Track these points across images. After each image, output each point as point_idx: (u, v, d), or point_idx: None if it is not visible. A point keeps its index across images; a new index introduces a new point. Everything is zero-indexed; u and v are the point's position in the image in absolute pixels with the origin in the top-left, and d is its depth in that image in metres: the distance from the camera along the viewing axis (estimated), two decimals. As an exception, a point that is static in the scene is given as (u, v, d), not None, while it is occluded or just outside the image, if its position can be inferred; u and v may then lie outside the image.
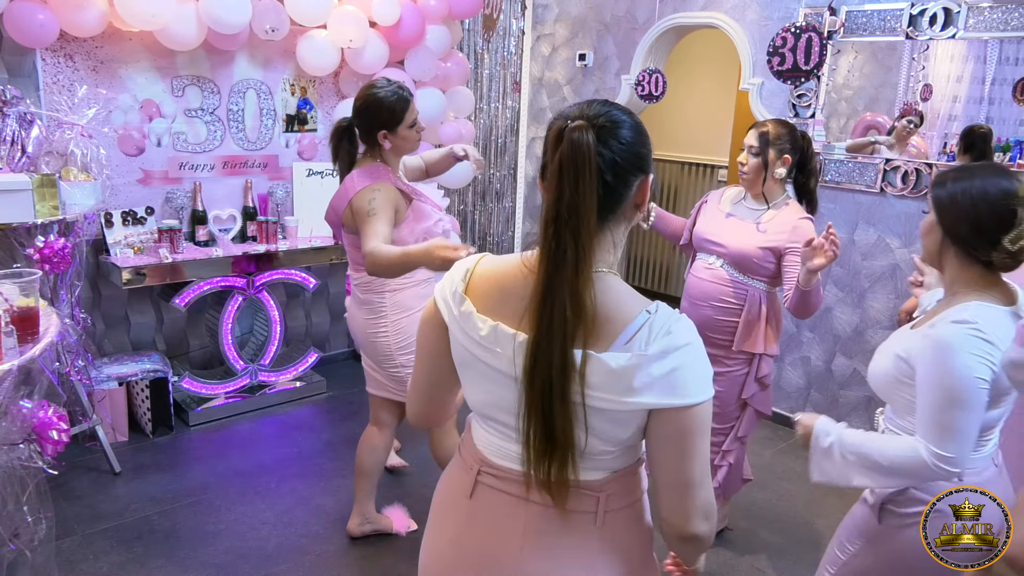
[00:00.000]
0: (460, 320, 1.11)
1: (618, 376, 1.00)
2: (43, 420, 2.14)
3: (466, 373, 1.15)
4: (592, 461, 1.10)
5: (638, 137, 1.06)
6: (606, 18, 4.45)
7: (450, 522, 1.23)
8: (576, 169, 0.99)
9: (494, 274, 1.12)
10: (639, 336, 1.02)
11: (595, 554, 1.13)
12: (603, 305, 1.03)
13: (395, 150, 2.39)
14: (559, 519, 1.12)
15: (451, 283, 1.14)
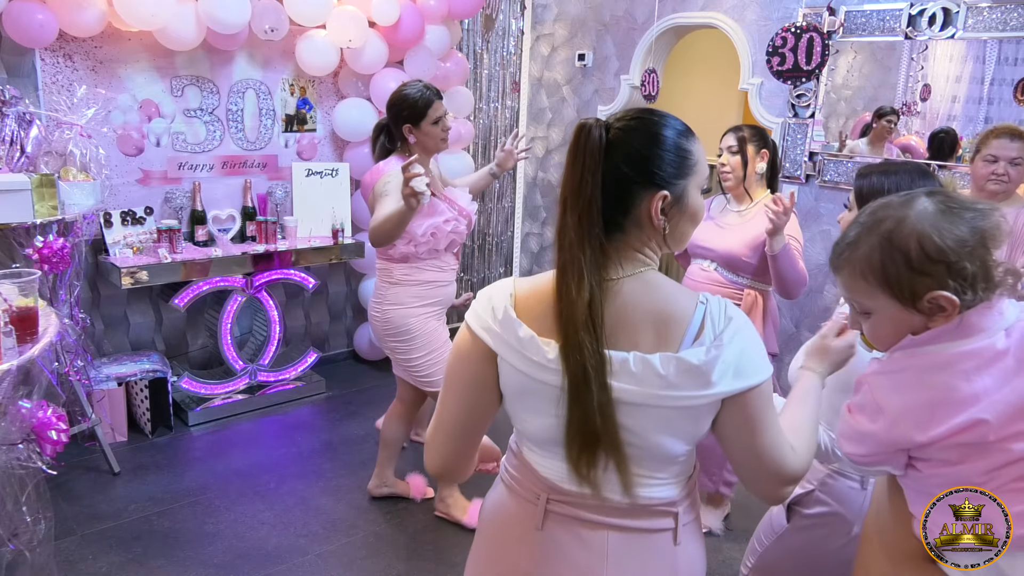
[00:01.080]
0: (519, 346, 1.06)
1: (699, 372, 1.01)
2: (42, 420, 2.13)
3: (524, 401, 1.10)
4: (671, 468, 1.11)
5: (658, 152, 1.05)
6: (605, 18, 4.45)
7: (519, 556, 1.17)
8: (574, 156, 1.04)
9: (540, 291, 1.09)
10: (706, 329, 1.04)
11: (676, 572, 1.15)
12: (658, 303, 1.06)
13: (420, 145, 2.53)
14: (640, 539, 1.12)
15: (492, 311, 1.09)
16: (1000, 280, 1.00)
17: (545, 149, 5.00)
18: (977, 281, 0.98)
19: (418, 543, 2.75)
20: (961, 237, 0.98)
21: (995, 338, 0.98)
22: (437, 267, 2.62)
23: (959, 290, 0.98)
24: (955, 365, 0.98)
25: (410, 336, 2.62)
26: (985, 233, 0.99)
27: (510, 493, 1.20)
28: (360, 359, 4.49)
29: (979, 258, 0.98)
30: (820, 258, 3.62)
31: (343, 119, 3.88)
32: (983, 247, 0.99)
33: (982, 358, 0.97)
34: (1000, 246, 1.00)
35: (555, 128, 4.90)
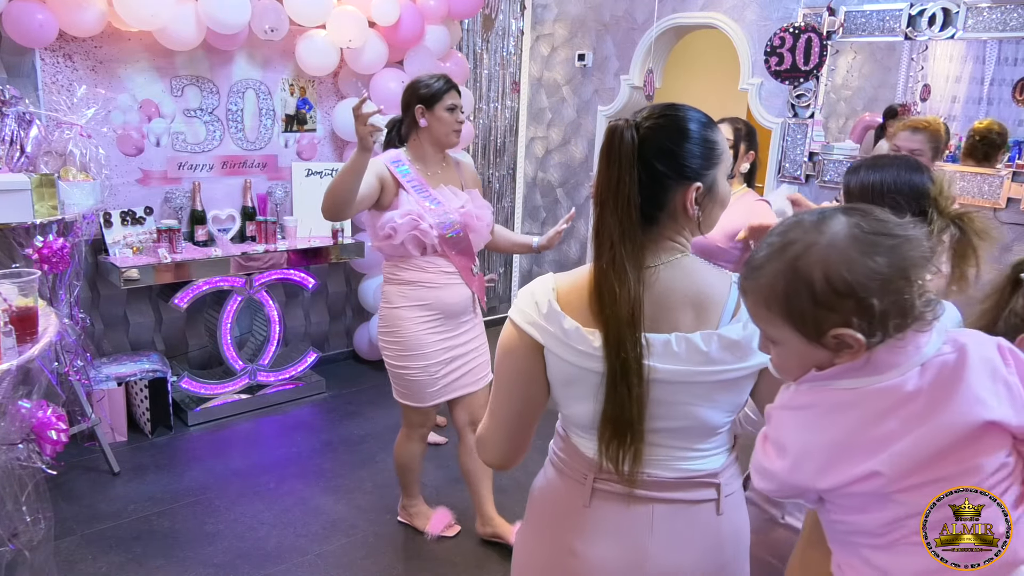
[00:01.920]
0: (564, 337, 1.12)
1: (740, 346, 1.09)
2: (42, 420, 2.14)
3: (571, 390, 1.16)
4: (713, 440, 1.17)
5: (688, 147, 1.10)
6: (605, 18, 4.45)
7: (567, 534, 1.22)
8: (608, 159, 1.10)
9: (579, 284, 1.15)
10: (742, 306, 1.07)
11: (721, 543, 1.19)
12: (695, 286, 1.13)
13: (430, 132, 2.40)
14: (685, 512, 1.17)
15: (536, 306, 1.15)
16: (919, 314, 0.88)
17: (545, 149, 5.00)
18: (889, 318, 0.86)
19: (418, 543, 2.75)
20: (873, 270, 0.85)
21: (906, 377, 0.88)
22: (417, 267, 2.45)
23: (865, 328, 0.86)
24: (861, 405, 0.89)
25: (393, 338, 2.50)
26: (906, 264, 0.86)
27: (558, 474, 1.25)
28: (360, 359, 4.49)
29: (895, 292, 0.86)
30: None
31: (343, 119, 3.88)
32: (903, 279, 0.86)
33: (891, 399, 0.87)
34: (927, 273, 0.89)
35: (555, 128, 4.90)
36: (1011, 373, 0.87)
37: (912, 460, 0.85)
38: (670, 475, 1.16)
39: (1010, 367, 0.87)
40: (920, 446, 0.85)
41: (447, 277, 2.50)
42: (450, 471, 3.23)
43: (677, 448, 1.16)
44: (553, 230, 2.61)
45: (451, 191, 2.48)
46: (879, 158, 1.50)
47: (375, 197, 2.35)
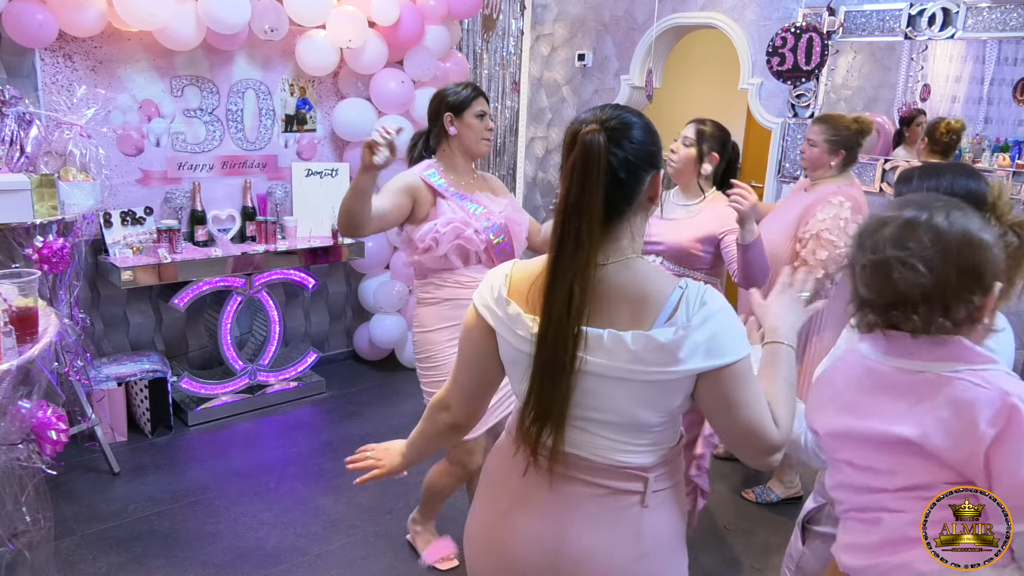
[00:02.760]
0: (509, 322, 1.20)
1: (667, 350, 1.10)
2: (42, 420, 2.13)
3: (516, 369, 1.23)
4: (645, 436, 1.19)
5: (648, 136, 1.17)
6: (605, 18, 4.45)
7: (503, 498, 1.29)
8: (586, 170, 1.11)
9: (532, 273, 1.21)
10: (679, 311, 1.12)
11: (640, 533, 1.21)
12: (638, 287, 1.16)
13: (461, 140, 2.32)
14: (608, 499, 1.21)
15: (491, 290, 1.24)
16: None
17: (545, 149, 5.00)
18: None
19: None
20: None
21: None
22: (456, 283, 2.31)
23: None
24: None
25: (432, 364, 2.37)
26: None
27: (508, 442, 1.32)
28: (360, 359, 4.49)
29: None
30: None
31: (343, 119, 3.88)
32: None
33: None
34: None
35: (555, 128, 4.90)
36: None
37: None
38: (596, 460, 1.20)
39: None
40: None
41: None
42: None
43: (606, 439, 1.19)
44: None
45: (488, 197, 2.38)
46: (932, 166, 1.46)
47: (404, 214, 2.26)
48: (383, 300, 4.12)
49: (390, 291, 4.10)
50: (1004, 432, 0.96)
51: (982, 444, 0.97)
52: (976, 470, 0.97)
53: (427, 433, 1.45)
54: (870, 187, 3.40)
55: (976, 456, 0.97)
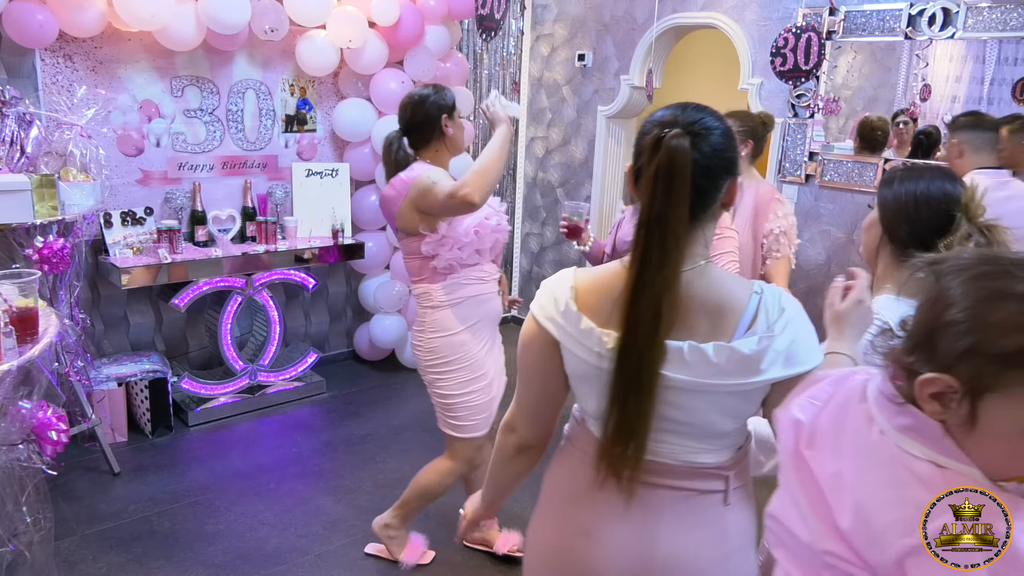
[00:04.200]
0: (580, 337, 1.14)
1: (750, 361, 1.08)
2: (42, 420, 2.13)
3: (586, 385, 1.19)
4: (721, 440, 1.18)
5: (728, 142, 1.12)
6: (605, 18, 4.45)
7: (581, 515, 1.24)
8: (670, 178, 1.05)
9: (599, 285, 1.17)
10: (759, 319, 1.10)
11: (727, 532, 1.21)
12: (715, 294, 1.13)
13: (453, 141, 2.40)
14: (693, 500, 1.19)
15: (554, 302, 1.17)
16: None
17: (545, 149, 5.00)
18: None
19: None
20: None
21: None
22: (479, 278, 2.35)
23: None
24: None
25: (455, 368, 2.35)
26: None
27: (572, 458, 1.27)
28: (360, 359, 4.49)
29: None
30: (820, 258, 3.62)
31: (343, 119, 3.88)
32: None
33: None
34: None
35: (555, 128, 4.90)
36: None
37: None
38: (676, 464, 1.18)
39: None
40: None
41: (494, 285, 2.44)
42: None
43: (683, 445, 1.17)
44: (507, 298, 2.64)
45: (491, 198, 2.41)
46: (913, 169, 1.48)
47: None
48: (383, 300, 4.12)
49: (390, 291, 4.10)
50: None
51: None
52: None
53: (498, 463, 1.38)
54: (871, 187, 3.40)
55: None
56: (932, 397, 0.74)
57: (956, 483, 0.73)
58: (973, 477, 0.74)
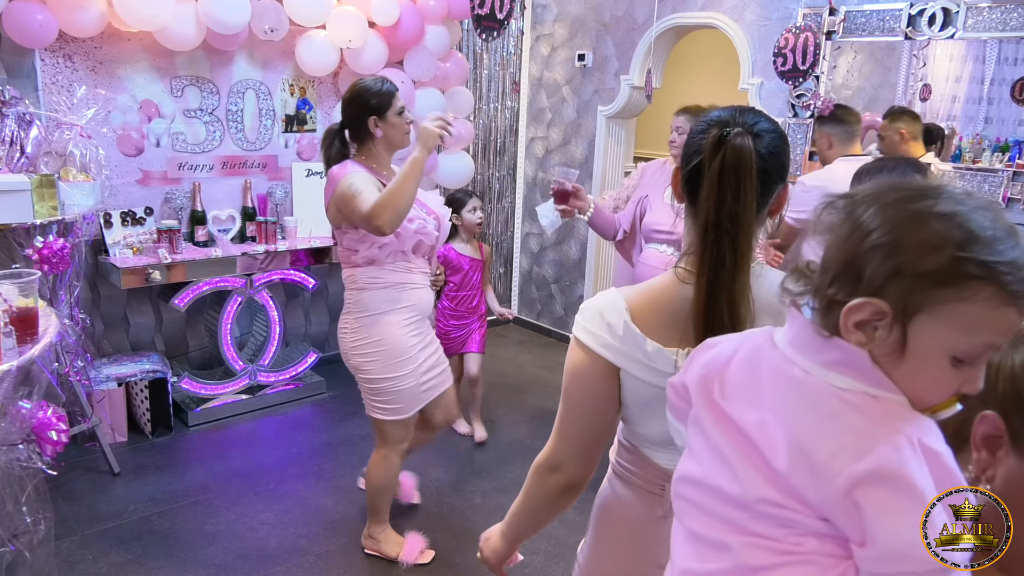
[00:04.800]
0: (646, 359, 1.08)
1: None
2: (42, 420, 2.13)
3: (649, 409, 1.12)
4: None
5: (784, 147, 1.09)
6: (605, 18, 4.45)
7: (650, 545, 1.18)
8: (738, 176, 1.02)
9: (654, 301, 1.10)
10: None
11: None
12: (773, 295, 1.07)
13: (386, 140, 2.39)
14: None
15: (608, 328, 1.10)
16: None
17: (545, 149, 5.00)
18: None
19: (418, 543, 2.75)
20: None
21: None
22: (405, 268, 2.43)
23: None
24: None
25: (378, 350, 2.41)
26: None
27: (628, 487, 1.22)
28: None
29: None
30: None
31: (343, 119, 3.88)
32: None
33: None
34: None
35: (555, 128, 4.90)
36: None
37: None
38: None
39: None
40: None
41: (424, 278, 2.51)
42: (453, 472, 3.24)
43: None
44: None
45: (430, 194, 2.54)
46: (881, 160, 1.54)
47: None
48: (383, 300, 4.12)
49: (390, 291, 4.10)
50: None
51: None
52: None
53: (536, 503, 1.25)
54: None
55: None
56: (857, 326, 0.74)
57: (891, 410, 0.73)
58: (906, 405, 0.73)
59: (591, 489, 1.34)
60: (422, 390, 2.51)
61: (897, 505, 0.69)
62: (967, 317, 0.69)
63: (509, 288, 5.35)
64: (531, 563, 2.63)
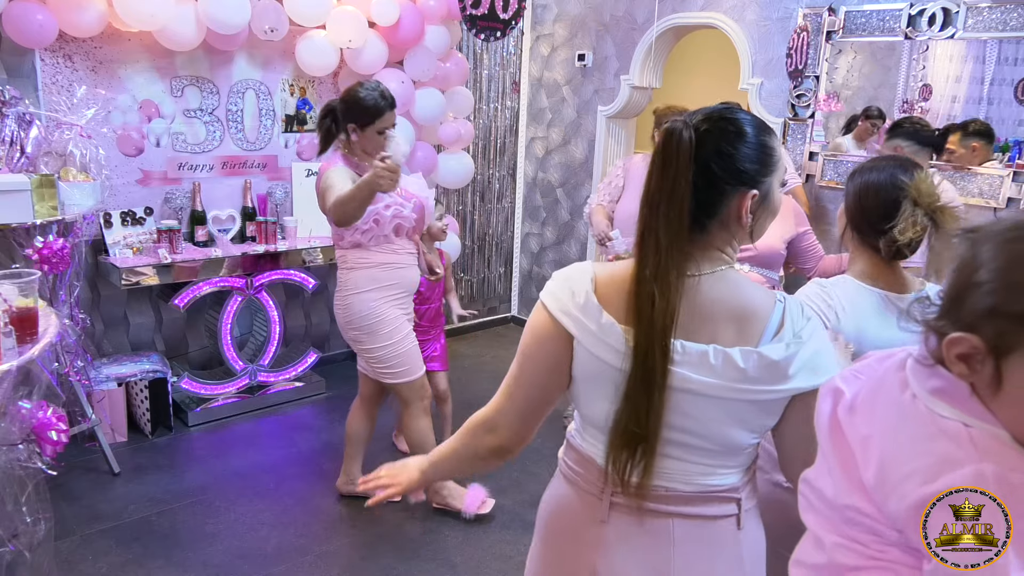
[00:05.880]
0: (600, 332, 1.09)
1: (778, 367, 1.05)
2: (42, 421, 2.14)
3: (595, 386, 1.12)
4: (735, 458, 1.14)
5: (746, 151, 1.07)
6: (605, 18, 4.45)
7: (585, 550, 1.18)
8: (664, 160, 1.04)
9: (619, 279, 1.10)
10: (785, 326, 1.08)
11: (742, 557, 1.16)
12: (739, 300, 1.10)
13: (360, 145, 2.57)
14: (707, 528, 1.14)
15: (572, 295, 1.11)
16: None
17: (545, 149, 5.00)
18: None
19: (418, 543, 2.75)
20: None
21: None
22: (390, 249, 2.62)
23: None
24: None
25: (370, 323, 2.62)
26: None
27: (572, 488, 1.22)
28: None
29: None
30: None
31: (343, 119, 3.88)
32: None
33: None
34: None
35: (555, 128, 4.90)
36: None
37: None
38: (688, 489, 1.13)
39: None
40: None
41: (410, 257, 2.70)
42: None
43: (696, 464, 1.12)
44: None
45: (413, 178, 2.73)
46: (874, 159, 1.58)
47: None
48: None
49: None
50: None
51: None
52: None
53: (462, 455, 1.28)
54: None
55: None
56: (959, 358, 0.75)
57: (982, 441, 0.73)
58: (1000, 438, 0.74)
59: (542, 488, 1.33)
60: (419, 351, 2.75)
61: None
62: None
63: (509, 288, 5.35)
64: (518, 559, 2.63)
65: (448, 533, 2.81)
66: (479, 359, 4.65)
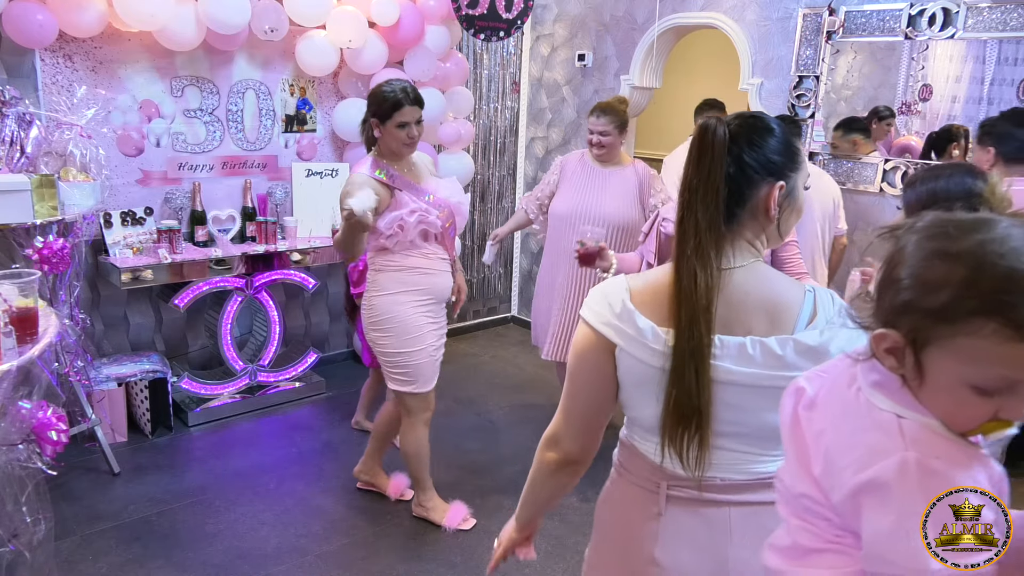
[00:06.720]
0: (638, 335, 1.14)
1: (815, 352, 1.10)
2: (42, 421, 2.13)
3: (642, 390, 1.17)
4: (780, 446, 1.15)
5: (774, 144, 1.15)
6: (605, 18, 4.45)
7: (643, 544, 1.22)
8: (700, 151, 1.12)
9: (654, 284, 1.17)
10: (819, 315, 1.13)
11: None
12: (771, 291, 1.15)
13: (383, 142, 2.56)
14: (760, 514, 1.16)
15: (609, 307, 1.17)
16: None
17: (545, 149, 5.00)
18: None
19: (418, 543, 2.75)
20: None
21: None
22: (420, 255, 2.60)
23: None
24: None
25: (391, 326, 2.59)
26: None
27: (628, 485, 1.26)
28: (360, 359, 4.48)
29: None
30: (820, 258, 3.61)
31: (343, 119, 3.88)
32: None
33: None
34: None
35: (555, 128, 4.90)
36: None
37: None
38: (743, 478, 1.17)
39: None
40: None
41: (442, 264, 2.66)
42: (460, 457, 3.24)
43: (747, 453, 1.16)
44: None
45: (445, 182, 2.71)
46: (935, 168, 1.52)
47: (383, 207, 2.52)
48: (383, 300, 4.12)
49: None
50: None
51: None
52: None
53: (535, 478, 1.33)
54: (870, 186, 3.40)
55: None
56: (887, 352, 0.79)
57: (911, 431, 0.77)
58: (930, 427, 0.77)
59: (595, 488, 1.35)
60: (435, 368, 2.71)
61: (881, 513, 0.76)
62: (974, 351, 0.72)
63: (509, 288, 5.35)
64: (530, 562, 2.63)
65: (448, 533, 2.81)
66: (479, 359, 4.65)
